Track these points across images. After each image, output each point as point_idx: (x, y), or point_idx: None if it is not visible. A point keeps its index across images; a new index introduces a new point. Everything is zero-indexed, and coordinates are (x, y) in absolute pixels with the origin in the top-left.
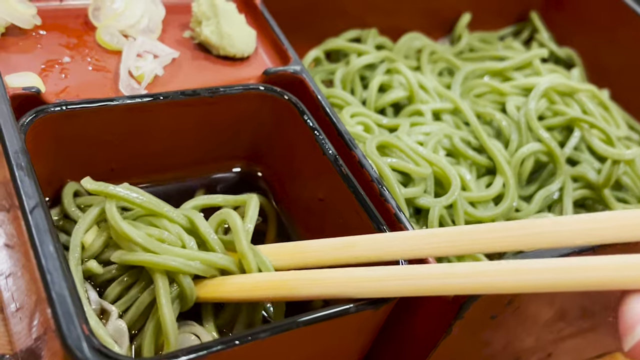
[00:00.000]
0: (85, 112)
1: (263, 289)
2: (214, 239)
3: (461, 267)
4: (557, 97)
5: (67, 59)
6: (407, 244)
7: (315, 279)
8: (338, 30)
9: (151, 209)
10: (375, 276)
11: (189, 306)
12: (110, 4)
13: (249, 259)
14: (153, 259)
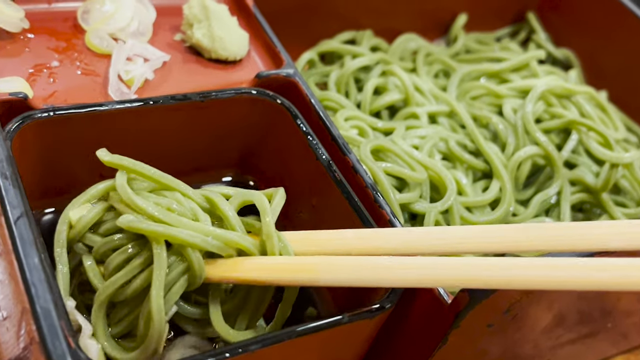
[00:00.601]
0: (73, 118)
1: (285, 271)
2: (234, 218)
3: (493, 260)
4: (555, 99)
5: (55, 63)
6: (434, 240)
7: (341, 265)
8: (332, 32)
9: (166, 183)
10: (403, 264)
11: (197, 285)
12: (100, 6)
13: (274, 240)
14: (167, 231)
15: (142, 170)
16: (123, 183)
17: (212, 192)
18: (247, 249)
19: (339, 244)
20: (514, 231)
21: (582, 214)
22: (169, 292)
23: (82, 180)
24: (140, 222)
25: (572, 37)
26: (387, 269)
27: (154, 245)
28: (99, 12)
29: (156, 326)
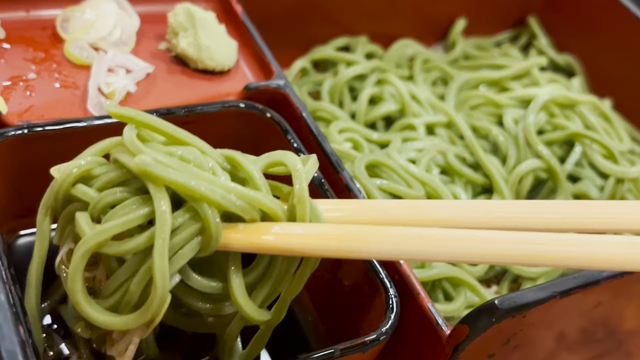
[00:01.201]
0: (49, 135)
1: (321, 238)
2: (260, 178)
3: (562, 237)
4: (557, 109)
5: (32, 75)
6: (485, 213)
7: (386, 234)
8: (326, 37)
9: (181, 138)
10: (458, 237)
11: (210, 251)
12: (81, 14)
13: (306, 205)
14: (183, 181)
15: (153, 124)
16: (132, 137)
17: (234, 152)
18: (273, 213)
19: (377, 216)
20: (577, 207)
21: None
22: (175, 254)
23: None
24: (157, 166)
25: (575, 42)
26: (437, 241)
27: (155, 194)
28: (79, 20)
29: (159, 291)
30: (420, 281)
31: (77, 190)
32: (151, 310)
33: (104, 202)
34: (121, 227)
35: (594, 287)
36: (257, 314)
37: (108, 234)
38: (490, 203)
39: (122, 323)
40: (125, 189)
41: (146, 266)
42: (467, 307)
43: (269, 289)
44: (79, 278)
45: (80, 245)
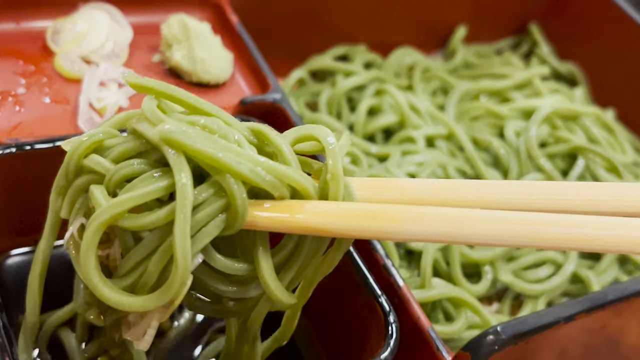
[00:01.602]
0: (39, 154)
1: (356, 217)
2: (290, 153)
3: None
4: (560, 121)
5: (21, 90)
6: (529, 194)
7: (428, 214)
8: (324, 45)
9: (204, 109)
10: (500, 218)
11: (235, 228)
12: (72, 26)
13: (340, 182)
14: (210, 152)
15: (174, 94)
16: (152, 106)
17: (261, 124)
18: (304, 190)
19: (411, 195)
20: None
21: None
22: (198, 232)
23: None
24: (182, 135)
25: (577, 49)
26: (479, 223)
27: (175, 166)
28: (70, 32)
29: (180, 271)
30: (420, 302)
31: (90, 161)
32: (171, 291)
33: (120, 175)
34: (139, 200)
35: (599, 311)
36: (285, 297)
37: (125, 206)
38: (533, 184)
39: (140, 304)
40: (143, 161)
41: (166, 244)
42: (468, 327)
43: (296, 272)
44: (92, 254)
45: (94, 218)
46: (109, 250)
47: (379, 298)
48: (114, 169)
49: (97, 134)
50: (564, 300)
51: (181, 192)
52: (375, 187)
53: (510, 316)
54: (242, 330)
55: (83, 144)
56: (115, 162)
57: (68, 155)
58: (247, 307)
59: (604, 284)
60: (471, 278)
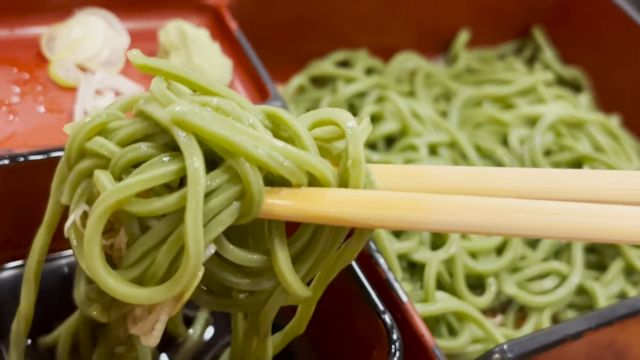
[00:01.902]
0: (32, 165)
1: (381, 206)
2: (308, 137)
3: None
4: (565, 129)
5: (15, 99)
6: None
7: (453, 204)
8: (324, 50)
9: (216, 92)
10: (541, 208)
11: (250, 217)
12: (67, 33)
13: (362, 169)
14: (225, 135)
15: (184, 76)
16: (162, 87)
17: (276, 108)
18: (323, 177)
19: (435, 183)
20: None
21: (593, 256)
22: (211, 221)
23: None
24: (195, 116)
25: (582, 54)
26: (511, 213)
27: (186, 149)
28: (65, 39)
29: (191, 261)
30: (424, 317)
31: (93, 144)
32: (181, 283)
33: (126, 159)
34: (147, 183)
35: (607, 327)
36: (302, 290)
37: (132, 190)
38: (571, 172)
39: (147, 296)
40: (151, 144)
41: (176, 233)
42: (472, 341)
43: (313, 263)
44: (97, 242)
45: (99, 202)
46: (113, 240)
47: (382, 314)
48: (120, 152)
49: (100, 116)
50: (569, 312)
51: (193, 176)
52: (398, 173)
53: (514, 329)
54: (252, 325)
55: (86, 126)
56: (120, 145)
57: (70, 139)
58: (259, 300)
59: (609, 296)
60: (475, 290)
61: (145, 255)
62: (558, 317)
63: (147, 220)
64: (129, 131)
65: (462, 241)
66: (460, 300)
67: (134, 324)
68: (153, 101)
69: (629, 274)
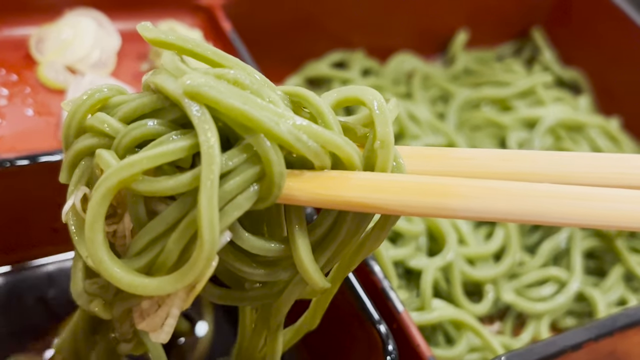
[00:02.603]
0: (19, 171)
1: (406, 192)
2: (331, 115)
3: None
4: (564, 132)
5: (3, 102)
6: (596, 167)
7: (488, 189)
8: (320, 51)
9: (231, 66)
10: (592, 195)
11: (270, 202)
12: (57, 34)
13: (390, 151)
14: (245, 109)
15: (198, 50)
16: (174, 59)
17: (295, 87)
18: (348, 159)
19: (467, 167)
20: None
21: (592, 261)
22: (227, 205)
23: (32, 237)
24: (211, 88)
25: (581, 55)
26: (560, 199)
27: (200, 124)
28: (55, 40)
29: (206, 247)
30: (420, 325)
31: (94, 120)
32: (194, 272)
33: (131, 137)
34: (155, 160)
35: (607, 338)
36: (322, 282)
37: (138, 167)
38: (610, 156)
39: (155, 286)
40: (158, 121)
41: (188, 219)
42: (469, 350)
43: (333, 252)
44: (99, 227)
45: (100, 182)
46: (116, 227)
47: (378, 324)
48: (124, 130)
49: (101, 90)
50: (569, 319)
51: (207, 154)
52: (427, 156)
53: (512, 336)
54: (262, 319)
55: (86, 102)
56: (124, 121)
57: (68, 116)
58: (274, 291)
59: (609, 303)
60: (472, 297)
61: (154, 243)
62: (557, 325)
63: (155, 203)
64: (134, 105)
65: (460, 247)
66: (457, 308)
67: (141, 319)
68: (163, 72)
69: (629, 280)
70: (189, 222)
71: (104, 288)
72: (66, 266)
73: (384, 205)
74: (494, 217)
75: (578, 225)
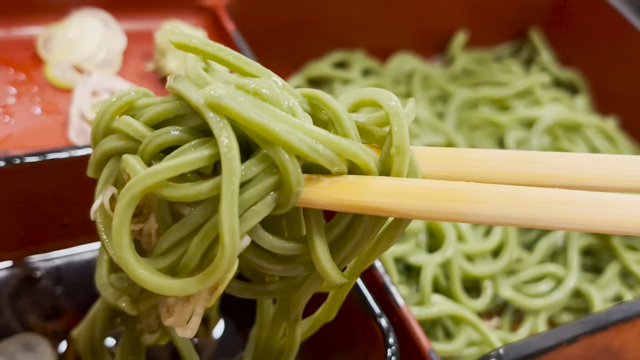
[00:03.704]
0: (27, 168)
1: (421, 198)
2: (348, 120)
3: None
4: (561, 132)
5: (11, 100)
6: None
7: (507, 194)
8: (322, 51)
9: (252, 73)
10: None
11: (287, 207)
12: (64, 34)
13: (406, 156)
14: (265, 123)
15: (220, 55)
16: (198, 69)
17: (313, 90)
18: (365, 165)
19: (487, 169)
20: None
21: (589, 259)
22: (246, 211)
23: (40, 233)
24: (233, 101)
25: (579, 56)
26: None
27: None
28: (62, 40)
29: (227, 253)
30: (420, 320)
31: (120, 122)
32: (216, 276)
33: (155, 144)
34: (176, 170)
35: (603, 332)
36: (339, 278)
37: (159, 177)
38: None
39: (180, 287)
40: (181, 128)
41: (210, 224)
42: (468, 345)
43: (349, 251)
44: (126, 231)
45: (126, 190)
46: (142, 225)
47: (378, 318)
48: (149, 137)
49: (128, 94)
50: (565, 315)
51: (228, 165)
52: (441, 157)
53: (510, 332)
54: (282, 310)
55: (113, 105)
56: (148, 124)
57: (96, 119)
58: (293, 284)
59: (605, 299)
60: (471, 293)
61: (178, 245)
62: (554, 320)
63: (179, 207)
64: (158, 110)
65: (459, 244)
66: (456, 303)
67: (168, 314)
68: (185, 80)
69: (624, 277)
70: (211, 227)
71: (130, 285)
72: (74, 260)
73: (399, 210)
74: (506, 222)
75: (588, 231)
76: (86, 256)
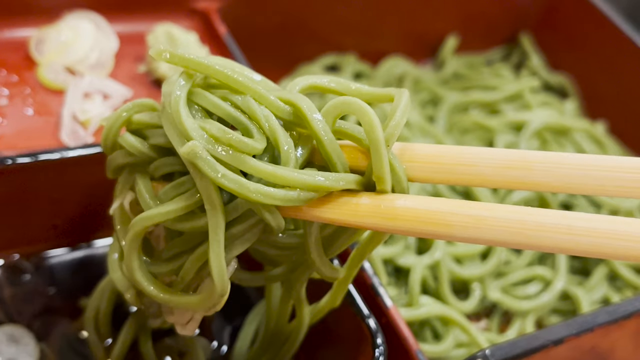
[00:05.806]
0: (19, 169)
1: (408, 220)
2: (330, 142)
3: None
4: (550, 136)
5: (4, 102)
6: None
7: (479, 219)
8: (313, 54)
9: (235, 87)
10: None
11: (276, 233)
12: (56, 36)
13: (386, 183)
14: (236, 188)
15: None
16: (178, 104)
17: (297, 95)
18: (341, 189)
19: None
20: None
21: (578, 263)
22: (236, 240)
23: (32, 234)
24: (206, 162)
25: (568, 60)
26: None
27: (207, 201)
28: (54, 42)
29: (218, 285)
30: (408, 321)
31: (125, 142)
32: (212, 301)
33: (159, 173)
34: (167, 215)
35: (589, 333)
36: (329, 272)
37: (153, 221)
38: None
39: (184, 303)
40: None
41: (202, 249)
42: (456, 346)
43: (340, 247)
44: (135, 257)
45: (131, 227)
46: (153, 228)
47: (367, 319)
48: (153, 166)
49: (129, 109)
50: (553, 317)
51: (213, 219)
52: (437, 155)
53: (498, 333)
54: (287, 289)
55: (117, 121)
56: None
57: (105, 130)
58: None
59: (593, 301)
60: (459, 294)
61: (178, 257)
62: (542, 322)
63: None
64: (160, 141)
65: (447, 246)
66: (444, 304)
67: (170, 313)
68: (170, 125)
69: (612, 279)
70: (202, 252)
71: None
72: (65, 260)
73: (383, 229)
74: (476, 242)
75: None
76: (77, 256)
